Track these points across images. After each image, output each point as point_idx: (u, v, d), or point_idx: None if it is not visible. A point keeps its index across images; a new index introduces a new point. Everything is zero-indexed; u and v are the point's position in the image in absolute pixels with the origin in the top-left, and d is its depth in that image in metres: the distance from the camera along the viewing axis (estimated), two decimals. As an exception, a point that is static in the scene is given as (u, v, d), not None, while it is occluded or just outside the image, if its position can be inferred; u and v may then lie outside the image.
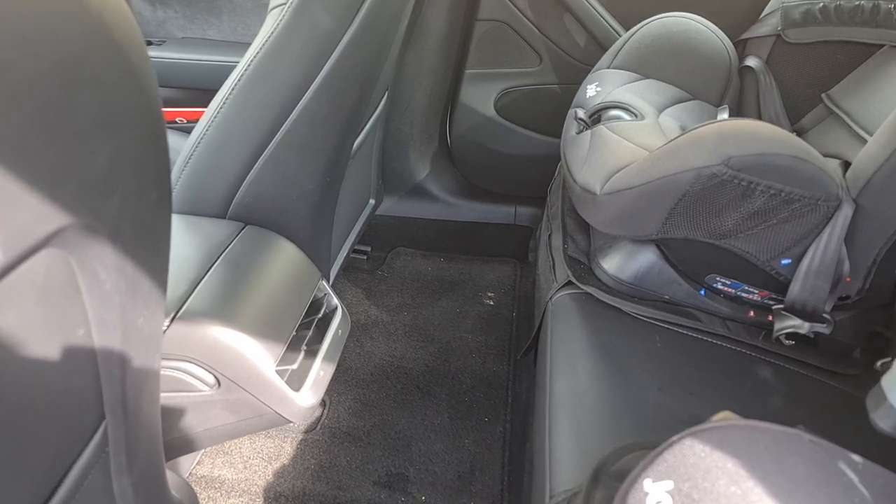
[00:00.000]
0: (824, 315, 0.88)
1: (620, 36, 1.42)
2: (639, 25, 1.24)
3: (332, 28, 0.83)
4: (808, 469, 0.56)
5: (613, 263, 1.02)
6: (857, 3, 1.07)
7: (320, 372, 0.89)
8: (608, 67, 1.24)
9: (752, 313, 1.00)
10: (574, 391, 0.84)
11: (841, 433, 0.89)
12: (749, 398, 0.87)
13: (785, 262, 0.89)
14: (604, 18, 1.43)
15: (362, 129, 1.20)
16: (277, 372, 0.82)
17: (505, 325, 1.51)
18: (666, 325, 0.96)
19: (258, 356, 0.79)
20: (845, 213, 0.81)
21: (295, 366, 0.86)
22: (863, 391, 0.98)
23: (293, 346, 0.87)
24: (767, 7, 1.22)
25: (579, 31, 1.47)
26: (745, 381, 0.90)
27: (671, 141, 0.85)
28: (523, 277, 1.66)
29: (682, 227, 0.88)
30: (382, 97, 1.32)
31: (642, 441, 0.77)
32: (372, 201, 1.54)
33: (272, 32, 0.80)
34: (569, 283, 1.03)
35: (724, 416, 0.65)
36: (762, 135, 0.79)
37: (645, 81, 1.21)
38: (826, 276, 0.85)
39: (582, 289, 1.02)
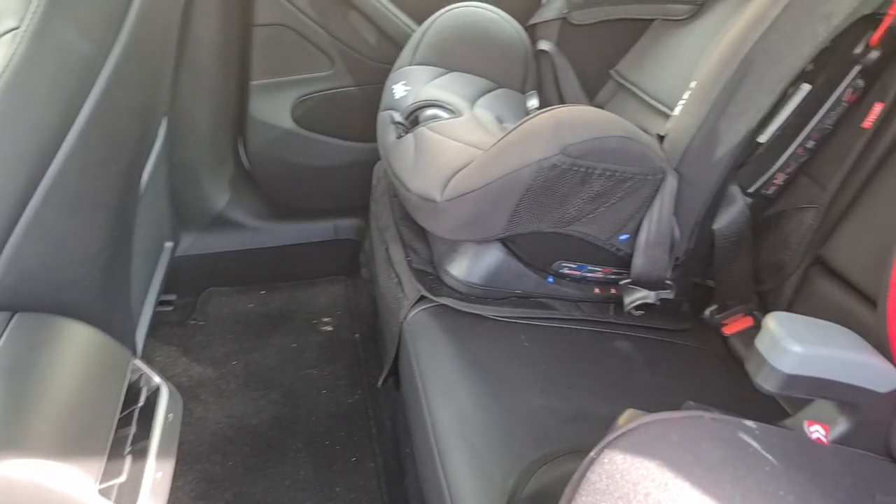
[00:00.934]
0: (667, 281, 0.91)
1: (413, 31, 1.37)
2: (432, 19, 1.20)
3: (90, 52, 0.66)
4: (720, 450, 0.55)
5: (462, 268, 0.98)
6: (629, -19, 1.14)
7: (157, 473, 0.72)
8: (410, 64, 1.19)
9: (597, 290, 1.02)
10: (459, 416, 0.78)
11: (702, 386, 0.95)
12: (621, 377, 0.88)
13: (623, 237, 0.91)
14: (392, 13, 1.37)
15: (145, 166, 1.01)
16: (101, 492, 0.64)
17: (350, 350, 1.40)
18: (526, 322, 0.94)
19: (71, 482, 0.61)
20: (671, 183, 0.84)
21: (123, 477, 0.68)
22: (701, 341, 1.05)
23: (115, 453, 0.69)
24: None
25: (369, 28, 1.39)
26: (612, 360, 0.91)
27: (505, 136, 0.82)
28: (357, 294, 1.57)
29: (527, 222, 0.86)
30: (161, 125, 1.13)
31: (546, 454, 0.73)
32: (169, 244, 1.33)
33: (6, 67, 0.60)
34: (422, 299, 0.96)
35: (628, 417, 0.63)
36: (593, 120, 0.79)
37: (451, 75, 1.18)
38: (663, 245, 0.88)
39: (436, 301, 0.95)
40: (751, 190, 0.93)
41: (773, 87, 0.80)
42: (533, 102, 1.13)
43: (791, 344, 0.57)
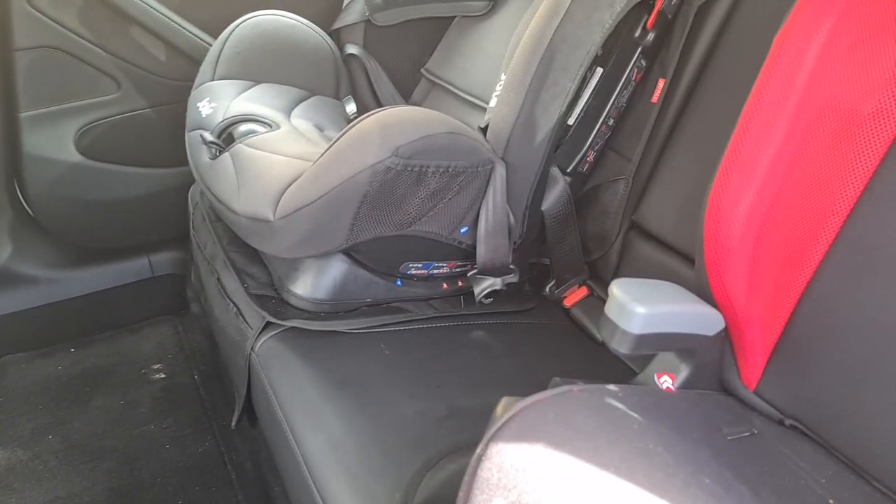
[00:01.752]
0: (510, 266, 0.94)
1: (207, 43, 1.28)
2: (228, 31, 1.12)
3: None
4: (593, 419, 0.57)
5: (306, 285, 0.93)
6: (426, -20, 1.15)
7: None
8: (212, 80, 1.10)
9: (445, 285, 1.03)
10: (331, 441, 0.74)
11: (559, 360, 1.00)
12: (484, 366, 0.89)
13: (463, 230, 0.92)
14: (180, 26, 1.26)
15: None
16: None
17: (191, 394, 1.28)
18: (383, 329, 0.92)
19: None
20: (500, 172, 0.87)
21: None
22: (547, 317, 1.10)
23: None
24: (347, -4, 1.24)
25: (156, 43, 1.27)
26: (472, 352, 0.92)
27: (333, 144, 0.78)
28: (188, 332, 1.43)
29: (369, 228, 0.84)
30: None
31: (428, 459, 0.72)
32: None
33: None
34: (268, 325, 0.90)
35: (505, 405, 0.64)
36: (419, 119, 0.79)
37: (259, 87, 1.11)
38: (502, 231, 0.91)
39: (284, 325, 0.90)
40: (569, 169, 0.99)
41: (575, 71, 0.86)
42: (351, 108, 1.11)
43: (636, 307, 0.61)
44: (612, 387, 0.64)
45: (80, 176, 1.29)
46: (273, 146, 0.91)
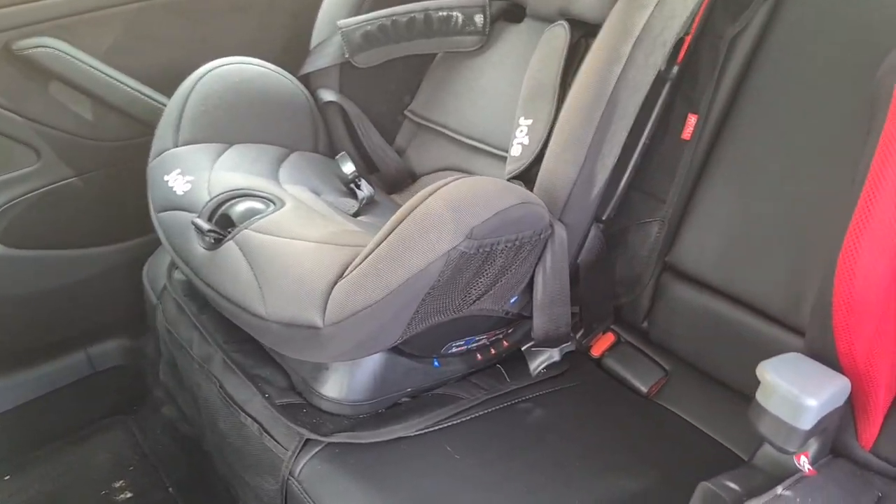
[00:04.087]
0: (570, 335, 0.86)
1: (145, 95, 1.09)
2: (189, 85, 0.95)
3: None
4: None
5: (340, 386, 0.79)
6: (410, 15, 1.03)
7: None
8: (176, 145, 0.92)
9: (479, 356, 0.92)
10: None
11: (625, 429, 0.92)
12: (559, 452, 0.80)
13: (513, 300, 0.83)
14: (111, 77, 1.06)
15: None
16: None
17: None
18: (440, 427, 0.80)
19: None
20: (560, 235, 0.78)
21: None
22: (582, 373, 1.03)
23: None
24: (315, 36, 1.08)
25: (81, 100, 1.06)
26: (539, 438, 0.82)
27: (395, 230, 0.66)
28: (149, 431, 1.22)
29: (428, 319, 0.72)
30: None
31: None
32: None
33: None
34: (308, 443, 0.75)
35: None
36: (489, 192, 0.68)
37: (233, 149, 0.95)
38: (563, 300, 0.82)
39: (325, 441, 0.76)
40: (604, 217, 0.92)
41: (631, 119, 0.79)
42: (348, 167, 0.97)
43: (807, 400, 0.54)
44: (783, 491, 0.57)
45: (-5, 267, 1.06)
46: (288, 229, 0.76)
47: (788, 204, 0.85)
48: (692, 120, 0.91)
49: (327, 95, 1.07)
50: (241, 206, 0.81)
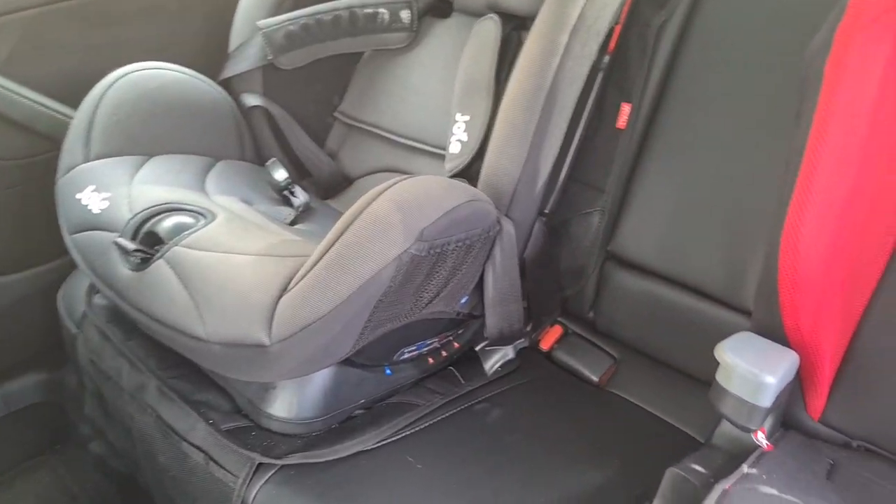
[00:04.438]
0: (525, 330, 0.85)
1: (46, 107, 1.00)
2: (97, 93, 0.87)
3: None
4: None
5: (289, 404, 0.75)
6: (335, 13, 0.99)
7: None
8: (87, 160, 0.85)
9: (431, 360, 0.90)
10: None
11: (580, 421, 0.91)
12: (520, 451, 0.79)
13: (464, 300, 0.81)
14: (13, 91, 0.96)
15: None
16: None
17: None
18: (398, 437, 0.77)
19: None
20: (508, 231, 0.77)
21: None
22: (534, 368, 1.02)
23: None
24: (233, 38, 1.02)
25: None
26: (499, 439, 0.81)
27: (341, 236, 0.62)
28: (74, 471, 1.12)
29: (381, 327, 0.69)
30: None
31: None
32: None
33: None
34: (259, 468, 0.71)
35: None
36: (437, 192, 0.66)
37: (153, 162, 0.88)
38: (514, 296, 0.81)
39: (279, 463, 0.71)
40: (546, 210, 0.91)
41: (570, 110, 0.78)
42: (280, 174, 0.92)
43: (766, 377, 0.55)
44: (749, 469, 0.58)
45: None
46: (223, 243, 0.71)
47: (723, 186, 0.87)
48: (626, 109, 0.92)
49: (251, 100, 1.01)
50: (168, 222, 0.75)
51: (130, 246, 0.71)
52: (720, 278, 0.88)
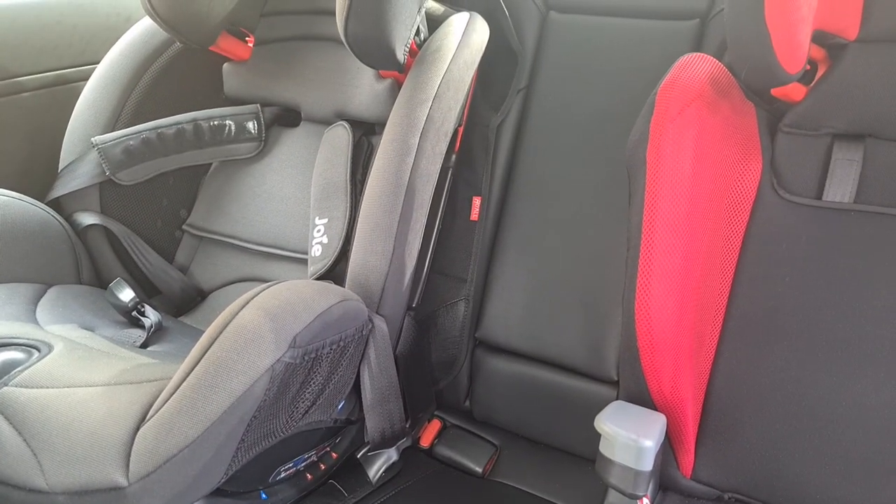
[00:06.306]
0: (406, 428, 0.82)
1: None
2: None
3: None
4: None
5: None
6: (178, 126, 0.97)
7: None
8: None
9: (309, 476, 0.84)
10: None
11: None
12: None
13: (341, 406, 0.78)
14: None
15: None
16: None
17: None
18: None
19: None
20: (381, 329, 0.76)
21: None
22: (419, 467, 0.99)
23: None
24: (64, 156, 0.95)
25: None
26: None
27: (207, 351, 0.58)
28: None
29: (256, 446, 0.64)
30: None
31: None
32: None
33: None
34: None
35: None
36: (307, 295, 0.64)
37: (-30, 294, 0.78)
38: (394, 394, 0.79)
39: None
40: (414, 304, 0.92)
41: (427, 205, 0.81)
42: (127, 294, 0.84)
43: (645, 442, 0.58)
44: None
45: None
46: (63, 377, 0.63)
47: (573, 267, 0.94)
48: (477, 202, 0.97)
49: (87, 219, 0.94)
50: (-9, 361, 0.65)
51: (-56, 393, 0.60)
52: (582, 353, 0.93)
